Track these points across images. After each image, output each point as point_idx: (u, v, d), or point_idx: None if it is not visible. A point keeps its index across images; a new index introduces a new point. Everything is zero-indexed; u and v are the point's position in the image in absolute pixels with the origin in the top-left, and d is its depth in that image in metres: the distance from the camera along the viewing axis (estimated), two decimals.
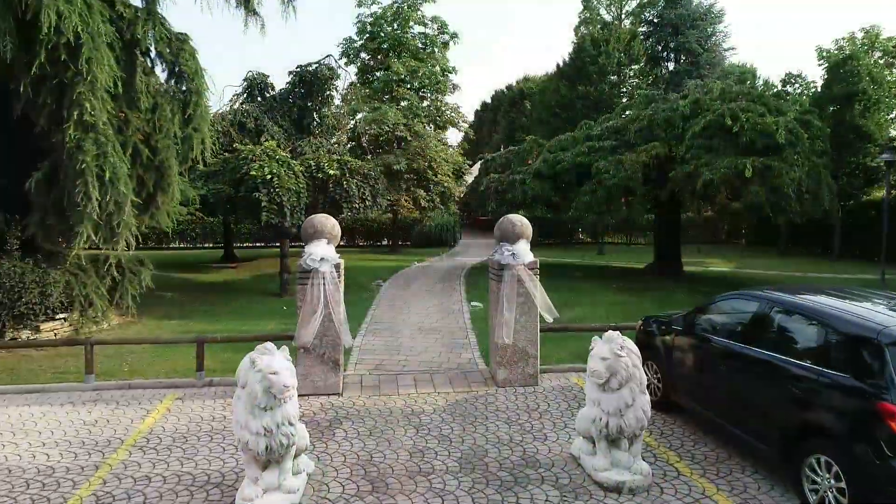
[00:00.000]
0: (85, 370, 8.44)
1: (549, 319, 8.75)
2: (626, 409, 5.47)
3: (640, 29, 40.60)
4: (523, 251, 8.66)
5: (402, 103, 26.33)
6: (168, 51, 9.15)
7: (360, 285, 16.36)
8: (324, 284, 8.13)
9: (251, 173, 13.53)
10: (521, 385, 8.56)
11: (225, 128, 19.45)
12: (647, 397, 5.59)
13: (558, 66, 41.28)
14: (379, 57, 26.74)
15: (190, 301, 14.73)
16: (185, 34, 9.43)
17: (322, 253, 8.24)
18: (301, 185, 14.71)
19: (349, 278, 18.32)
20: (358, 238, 32.94)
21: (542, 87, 43.52)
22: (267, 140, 19.43)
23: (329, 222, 8.37)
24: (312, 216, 8.34)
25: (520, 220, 8.78)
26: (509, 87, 58.26)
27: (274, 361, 5.05)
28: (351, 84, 26.37)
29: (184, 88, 9.40)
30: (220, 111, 20.06)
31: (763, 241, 32.57)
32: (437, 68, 26.83)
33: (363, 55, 27.57)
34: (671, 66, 41.49)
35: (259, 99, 21.31)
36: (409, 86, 26.45)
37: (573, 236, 33.53)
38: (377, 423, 7.01)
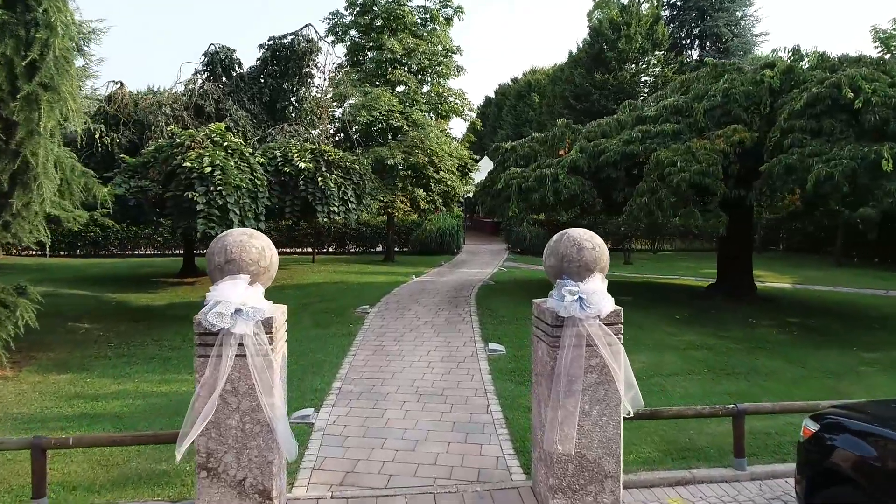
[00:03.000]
0: None
1: (630, 411, 5.04)
2: None
3: (664, 13, 36.86)
4: (598, 294, 4.90)
5: (399, 88, 22.55)
6: None
7: (341, 313, 12.60)
8: (229, 358, 4.40)
9: (184, 164, 9.78)
10: None
11: (177, 111, 15.71)
12: None
13: (571, 53, 37.65)
14: (371, 34, 22.97)
15: (108, 337, 10.96)
16: None
17: (239, 300, 4.47)
18: (259, 182, 10.97)
19: (328, 302, 14.46)
20: (349, 244, 29.16)
21: (554, 77, 39.83)
22: (229, 125, 15.71)
23: (254, 245, 4.58)
24: (223, 235, 4.57)
25: (590, 240, 5.02)
26: (515, 80, 54.72)
27: None
28: (338, 66, 22.62)
29: (27, 18, 5.68)
30: (173, 90, 16.30)
31: (805, 249, 28.88)
32: (439, 47, 23.06)
33: (353, 32, 23.80)
34: (695, 53, 37.78)
35: (224, 79, 17.56)
36: (406, 68, 22.67)
37: None
38: None
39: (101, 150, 14.55)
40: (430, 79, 23.50)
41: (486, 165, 32.34)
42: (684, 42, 38.40)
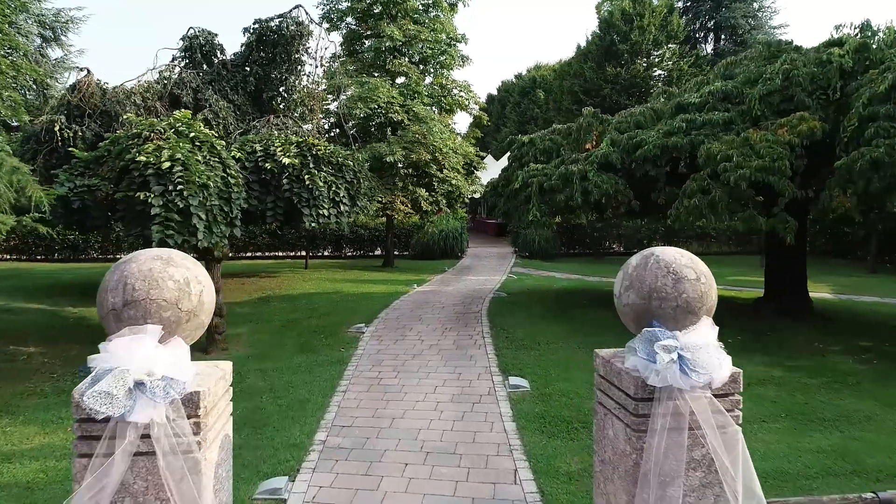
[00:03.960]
0: None
1: None
2: None
3: (677, 4, 35.09)
4: (707, 351, 3.15)
5: (399, 80, 20.79)
6: None
7: (332, 333, 10.85)
8: (126, 458, 2.65)
9: (138, 158, 8.04)
10: None
11: (150, 101, 13.97)
12: None
13: (579, 47, 35.89)
14: (369, 21, 21.22)
15: (53, 365, 9.20)
16: None
17: (143, 368, 2.71)
18: (234, 181, 9.23)
19: (319, 318, 12.60)
20: (346, 247, 27.40)
21: (561, 73, 38.09)
22: (207, 117, 13.99)
23: (171, 277, 2.75)
24: (124, 261, 2.80)
25: (692, 266, 3.21)
26: (519, 76, 53.00)
27: None
28: (333, 55, 20.89)
29: None
30: (143, 79, 14.56)
31: (831, 253, 27.09)
32: (443, 36, 21.29)
33: (349, 19, 22.07)
34: (709, 46, 36.08)
35: (205, 66, 15.81)
36: (406, 57, 20.91)
37: (601, 245, 28.03)
38: None
39: (62, 144, 12.85)
40: (432, 69, 21.73)
41: (491, 164, 30.62)
42: (697, 36, 36.69)
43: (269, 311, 13.12)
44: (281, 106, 16.12)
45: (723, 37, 34.84)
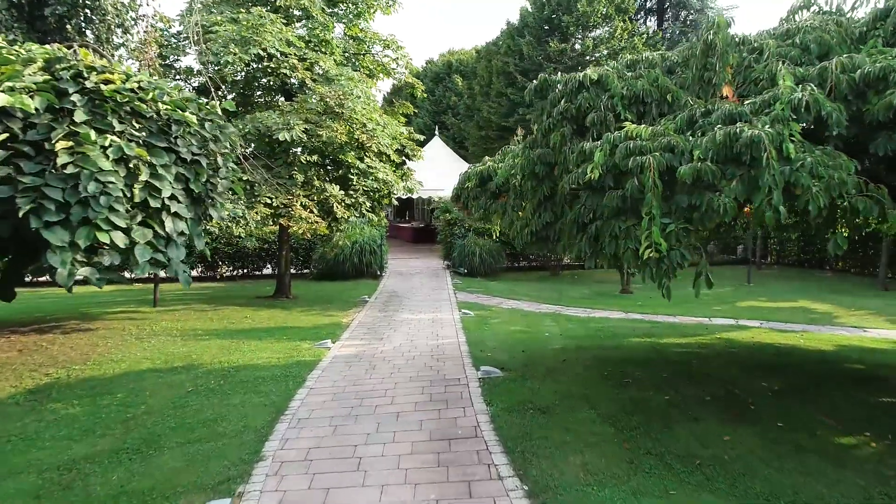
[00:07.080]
0: None
1: None
2: None
3: None
4: None
5: (298, 25, 14.17)
6: None
7: None
8: None
9: None
10: None
11: None
12: None
13: (509, 22, 30.72)
14: None
15: None
16: None
17: None
18: None
19: (127, 465, 4.95)
20: (221, 265, 20.18)
21: (488, 52, 32.69)
22: None
23: None
24: None
25: None
26: (430, 62, 47.19)
27: None
28: None
29: None
30: None
31: (802, 264, 23.45)
32: None
33: None
34: (652, 25, 32.14)
35: None
36: None
37: (550, 257, 22.70)
38: None
39: None
40: (344, 17, 15.22)
41: (428, 154, 24.52)
42: (637, 17, 32.63)
43: (29, 440, 6.27)
44: (87, 33, 9.14)
45: (668, 15, 30.97)
